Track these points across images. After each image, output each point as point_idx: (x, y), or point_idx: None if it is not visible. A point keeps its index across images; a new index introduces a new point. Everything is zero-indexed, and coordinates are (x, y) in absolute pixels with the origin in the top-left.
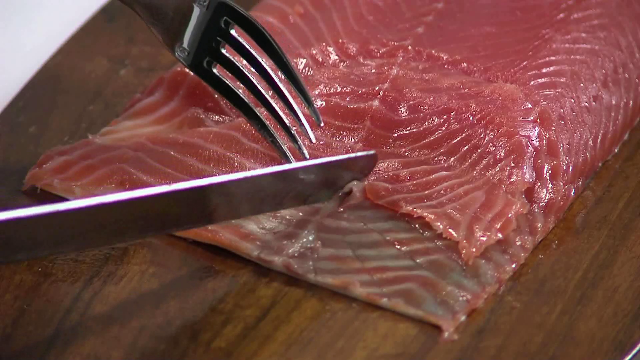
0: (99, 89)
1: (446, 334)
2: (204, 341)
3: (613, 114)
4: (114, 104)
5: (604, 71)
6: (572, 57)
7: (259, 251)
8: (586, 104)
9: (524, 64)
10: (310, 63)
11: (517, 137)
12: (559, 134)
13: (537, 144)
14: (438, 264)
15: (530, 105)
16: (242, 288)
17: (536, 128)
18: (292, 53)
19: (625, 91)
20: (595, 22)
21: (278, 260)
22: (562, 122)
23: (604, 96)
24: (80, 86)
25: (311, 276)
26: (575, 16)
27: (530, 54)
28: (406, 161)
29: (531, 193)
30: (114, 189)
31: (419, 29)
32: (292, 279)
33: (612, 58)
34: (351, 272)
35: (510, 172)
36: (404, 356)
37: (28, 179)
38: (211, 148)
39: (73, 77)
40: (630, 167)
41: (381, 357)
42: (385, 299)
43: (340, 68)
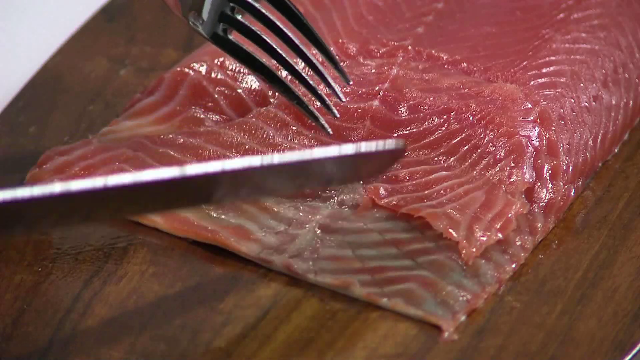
0: (99, 89)
1: (446, 334)
2: (204, 341)
3: (613, 114)
4: (114, 104)
5: (604, 71)
6: (572, 57)
7: (259, 251)
8: (586, 104)
9: (524, 64)
10: None
11: (517, 137)
12: (559, 134)
13: (537, 144)
14: (438, 264)
15: (530, 105)
16: (242, 288)
17: (536, 128)
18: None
19: (625, 91)
20: (595, 22)
21: (278, 260)
22: (562, 122)
23: (604, 96)
24: (80, 86)
25: (311, 276)
26: (575, 16)
27: (530, 54)
28: (406, 161)
29: (531, 193)
30: None
31: (419, 29)
32: (292, 279)
33: (612, 58)
34: (351, 272)
35: (510, 172)
36: (404, 356)
37: (28, 179)
38: (211, 148)
39: (73, 77)
40: (630, 167)
41: (381, 357)
42: (385, 299)
43: None
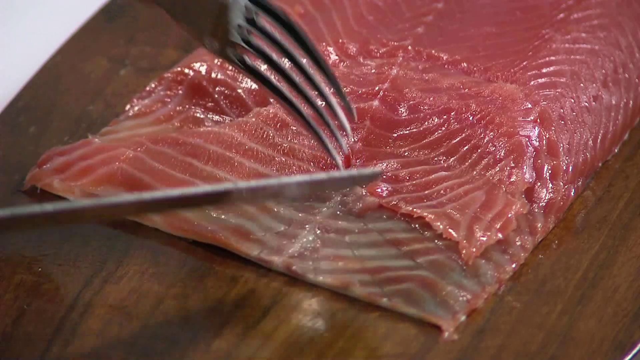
0: (99, 89)
1: (446, 334)
2: (204, 341)
3: (613, 114)
4: (114, 104)
5: (604, 71)
6: (572, 57)
7: (259, 251)
8: (586, 104)
9: (524, 64)
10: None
11: (517, 137)
12: (559, 134)
13: (537, 144)
14: (438, 264)
15: (530, 105)
16: (242, 288)
17: (536, 128)
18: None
19: (625, 91)
20: (595, 22)
21: (278, 260)
22: (562, 122)
23: (604, 96)
24: (80, 86)
25: (311, 276)
26: (575, 16)
27: (530, 54)
28: (406, 161)
29: (531, 193)
30: (113, 189)
31: (419, 29)
32: (292, 279)
33: (612, 58)
34: (351, 272)
35: (510, 172)
36: (404, 356)
37: (28, 179)
38: (211, 148)
39: (73, 77)
40: (630, 167)
41: (381, 357)
42: (385, 299)
43: (340, 68)
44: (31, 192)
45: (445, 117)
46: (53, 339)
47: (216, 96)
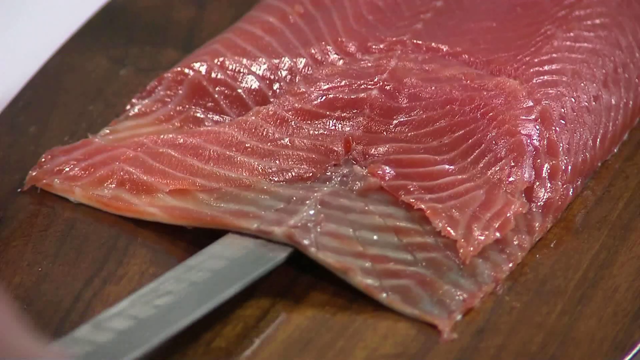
0: (99, 89)
1: (445, 333)
2: (204, 341)
3: (613, 114)
4: (114, 104)
5: (604, 71)
6: (574, 55)
7: (258, 224)
8: (586, 103)
9: (527, 59)
10: (310, 62)
11: (518, 135)
12: (559, 134)
13: (538, 143)
14: (436, 262)
15: (532, 104)
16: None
17: (537, 127)
18: (292, 52)
19: (625, 91)
20: (597, 20)
21: (278, 230)
22: (563, 121)
23: (604, 96)
24: (80, 86)
25: (313, 250)
26: (577, 14)
27: (533, 49)
28: (408, 147)
29: (530, 192)
30: (114, 189)
31: (418, 25)
32: (292, 280)
33: (612, 58)
34: (352, 255)
35: (510, 172)
36: (404, 356)
37: (28, 179)
38: (211, 148)
39: (73, 77)
40: (630, 167)
41: (381, 357)
42: (384, 294)
43: (339, 65)
44: (31, 192)
45: (448, 107)
46: (53, 339)
47: (216, 96)
